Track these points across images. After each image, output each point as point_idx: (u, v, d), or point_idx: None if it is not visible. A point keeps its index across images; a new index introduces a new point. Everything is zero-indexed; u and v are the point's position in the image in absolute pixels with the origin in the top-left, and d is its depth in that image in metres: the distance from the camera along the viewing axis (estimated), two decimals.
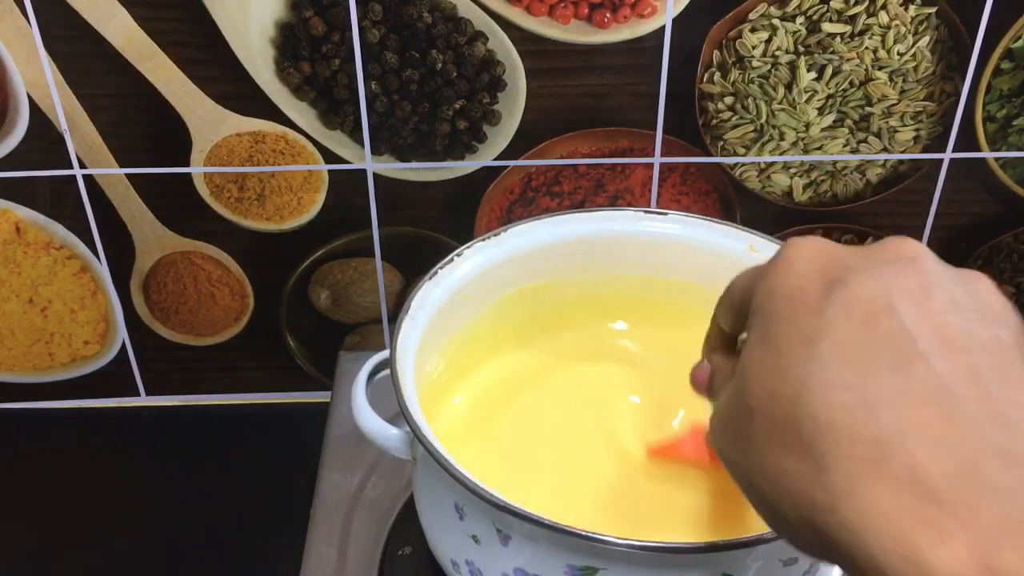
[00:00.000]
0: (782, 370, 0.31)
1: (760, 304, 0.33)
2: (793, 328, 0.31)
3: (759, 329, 0.33)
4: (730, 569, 0.46)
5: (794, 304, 0.32)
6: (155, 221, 0.78)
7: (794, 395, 0.30)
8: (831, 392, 0.29)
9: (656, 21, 0.70)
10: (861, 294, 0.31)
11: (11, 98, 0.71)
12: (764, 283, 0.34)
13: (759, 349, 0.32)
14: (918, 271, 0.31)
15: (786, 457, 0.30)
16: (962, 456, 0.27)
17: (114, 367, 0.85)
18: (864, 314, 0.30)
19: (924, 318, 0.30)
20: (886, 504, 0.28)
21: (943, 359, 0.29)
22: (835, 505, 0.29)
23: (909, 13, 0.70)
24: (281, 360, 0.86)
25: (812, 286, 0.32)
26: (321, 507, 0.67)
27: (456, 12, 0.70)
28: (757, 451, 0.32)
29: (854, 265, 0.32)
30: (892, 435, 0.28)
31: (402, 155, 0.75)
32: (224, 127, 0.73)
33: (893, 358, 0.29)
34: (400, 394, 0.49)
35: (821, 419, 0.29)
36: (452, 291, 0.58)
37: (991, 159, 0.77)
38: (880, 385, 0.29)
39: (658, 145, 0.75)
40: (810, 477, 0.29)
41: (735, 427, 0.33)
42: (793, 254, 0.33)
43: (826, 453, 0.29)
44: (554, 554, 0.46)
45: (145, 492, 0.82)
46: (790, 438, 0.30)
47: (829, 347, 0.30)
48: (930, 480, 0.27)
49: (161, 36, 0.70)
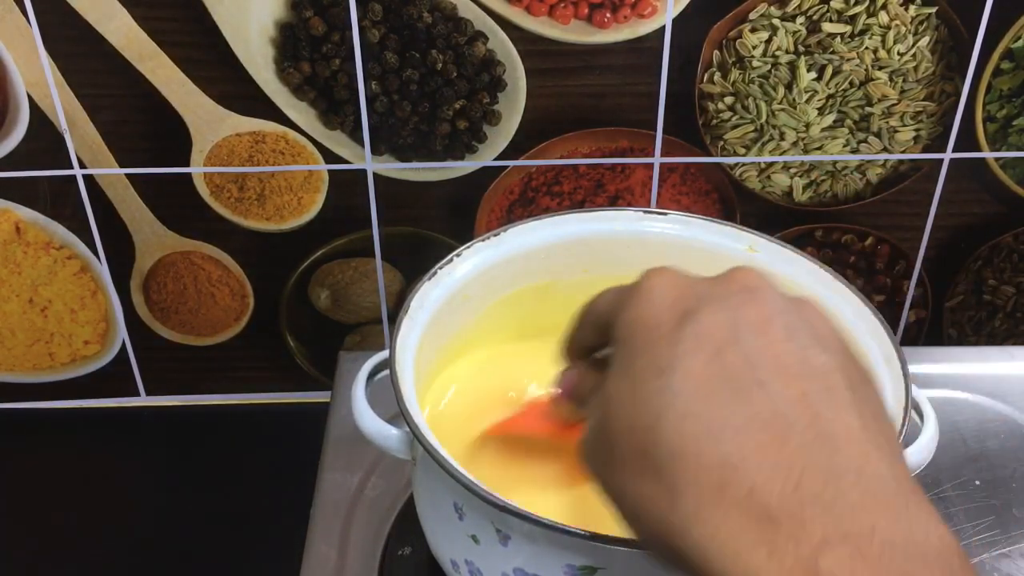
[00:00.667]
0: (639, 400, 0.33)
1: (620, 334, 0.36)
2: (650, 359, 0.34)
3: (620, 358, 0.35)
4: None
5: (650, 334, 0.34)
6: (155, 221, 0.78)
7: (649, 425, 0.32)
8: (681, 421, 0.32)
9: (656, 21, 0.70)
10: (710, 326, 0.33)
11: (11, 98, 0.71)
12: (625, 313, 0.36)
13: (619, 379, 0.35)
14: (760, 301, 0.34)
15: (643, 483, 0.33)
16: (792, 476, 0.30)
17: (114, 367, 0.85)
18: (713, 347, 0.33)
19: (765, 348, 0.33)
20: (729, 527, 0.30)
21: (780, 386, 0.32)
22: (687, 530, 0.31)
23: (909, 13, 0.70)
24: (281, 360, 0.86)
25: (667, 316, 0.34)
26: (321, 507, 0.67)
27: (456, 12, 0.70)
28: (619, 476, 0.34)
29: (706, 296, 0.34)
30: (734, 461, 0.31)
31: (402, 155, 0.75)
32: (224, 127, 0.73)
33: (736, 388, 0.32)
34: (400, 394, 0.49)
35: (673, 448, 0.32)
36: (452, 291, 0.58)
37: (991, 159, 0.77)
38: (724, 414, 0.31)
39: (658, 145, 0.75)
40: (665, 502, 0.32)
41: (600, 452, 0.35)
42: (650, 285, 0.36)
43: (677, 479, 0.31)
44: (553, 554, 0.46)
45: (145, 492, 0.82)
46: (647, 465, 0.32)
47: (680, 378, 0.32)
48: (765, 501, 0.30)
49: (161, 36, 0.70)
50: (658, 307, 0.35)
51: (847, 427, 0.31)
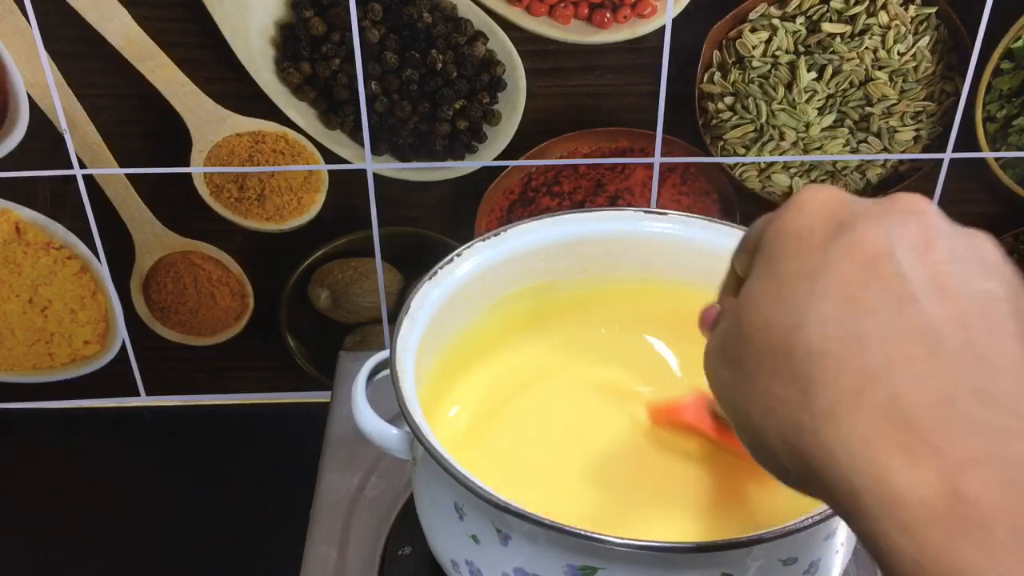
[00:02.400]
0: (782, 300, 0.33)
1: (768, 242, 0.35)
2: (797, 264, 0.33)
3: (764, 263, 0.35)
4: (730, 568, 0.46)
5: (801, 243, 0.33)
6: (155, 221, 0.78)
7: (791, 324, 0.32)
8: (826, 325, 0.31)
9: (656, 21, 0.70)
10: (865, 238, 0.32)
11: (11, 98, 0.71)
12: (775, 224, 0.35)
13: (762, 280, 0.34)
14: (923, 223, 0.33)
15: (776, 382, 0.32)
16: (941, 391, 0.29)
17: (114, 367, 0.85)
18: (865, 257, 0.32)
19: (922, 265, 0.31)
20: (865, 430, 0.29)
21: (935, 303, 0.31)
22: (818, 428, 0.30)
23: (909, 13, 0.70)
24: (281, 360, 0.86)
25: (820, 228, 0.33)
26: (321, 507, 0.67)
27: (456, 12, 0.70)
28: (748, 375, 0.33)
29: (862, 213, 0.33)
30: (878, 368, 0.30)
31: (402, 155, 0.75)
32: (224, 127, 0.74)
33: (887, 298, 0.31)
34: (400, 394, 0.49)
35: (814, 348, 0.31)
36: (452, 291, 0.58)
37: (991, 159, 0.77)
38: (872, 322, 0.31)
39: (658, 145, 0.75)
40: (797, 401, 0.31)
41: (730, 351, 0.35)
42: (806, 198, 0.35)
43: (814, 380, 0.31)
44: (553, 554, 0.46)
45: (145, 492, 0.82)
46: (782, 364, 0.32)
47: (829, 283, 0.32)
48: (909, 410, 0.29)
49: (161, 36, 0.70)
50: (812, 218, 0.34)
51: (1005, 353, 0.30)
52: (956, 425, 0.28)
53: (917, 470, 0.28)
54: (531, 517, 0.43)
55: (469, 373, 0.63)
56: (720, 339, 0.36)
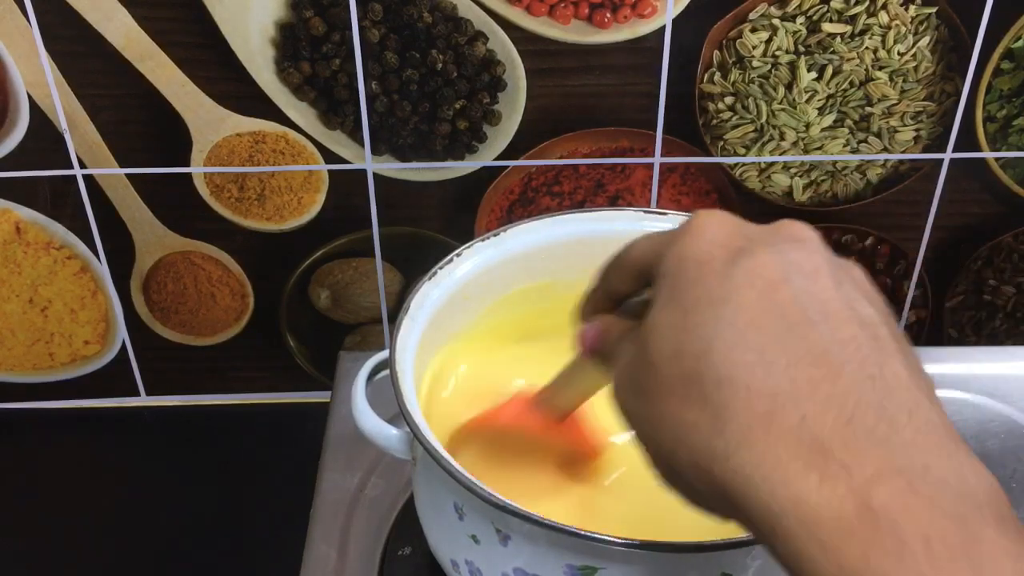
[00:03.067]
0: (690, 327, 0.33)
1: (669, 268, 0.36)
2: (702, 291, 0.34)
3: (667, 291, 0.35)
4: (729, 568, 0.46)
5: (702, 268, 0.34)
6: (155, 221, 0.78)
7: (699, 352, 0.33)
8: (734, 350, 0.32)
9: (656, 21, 0.70)
10: (763, 264, 0.33)
11: (11, 98, 0.71)
12: (674, 249, 0.36)
13: (667, 309, 0.35)
14: (810, 251, 0.34)
15: (687, 409, 0.33)
16: (845, 410, 0.30)
17: (114, 367, 0.85)
18: (765, 283, 0.33)
19: (814, 292, 0.33)
20: (778, 453, 0.30)
21: (830, 328, 0.32)
22: (731, 454, 0.31)
23: (909, 13, 0.70)
24: (281, 360, 0.86)
25: (719, 253, 0.34)
26: (321, 507, 0.67)
27: (456, 12, 0.70)
28: (658, 403, 0.34)
29: (756, 239, 0.35)
30: (786, 391, 0.31)
31: (402, 155, 0.75)
32: (224, 127, 0.73)
33: (788, 324, 0.32)
34: (400, 394, 0.49)
35: (723, 374, 0.32)
36: (452, 291, 0.58)
37: (991, 159, 0.77)
38: (777, 347, 0.32)
39: (658, 145, 0.75)
40: (709, 428, 0.32)
41: (638, 382, 0.35)
42: (701, 223, 0.36)
43: (726, 406, 0.32)
44: (553, 554, 0.46)
45: (145, 492, 0.82)
46: (692, 391, 0.33)
47: (734, 310, 0.33)
48: (817, 431, 0.30)
49: (161, 36, 0.70)
50: (710, 243, 0.35)
51: (896, 373, 0.32)
52: (862, 442, 0.30)
53: (830, 488, 0.29)
54: (531, 517, 0.43)
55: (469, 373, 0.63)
56: (626, 370, 0.37)
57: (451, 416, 0.61)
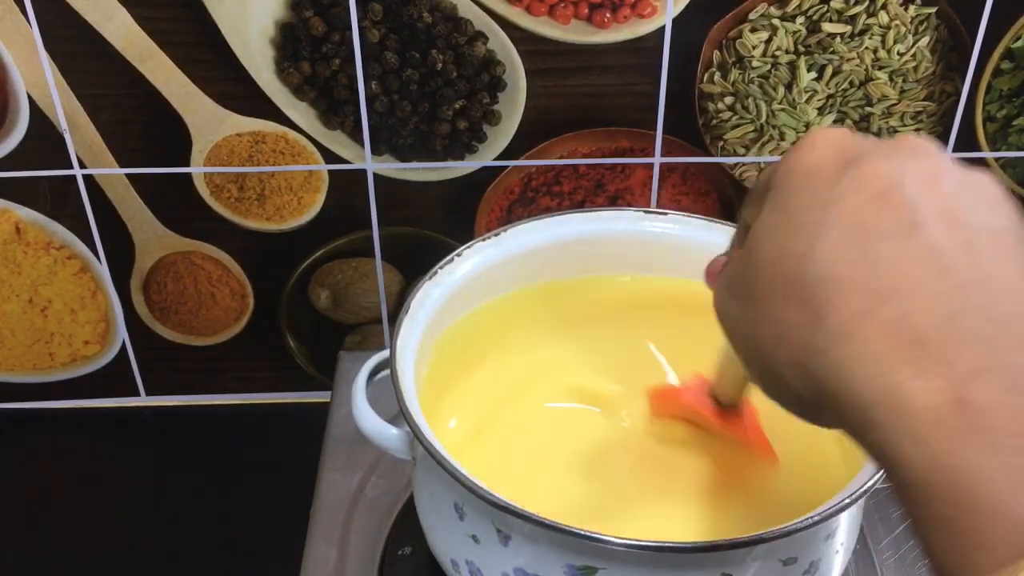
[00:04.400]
0: (793, 229, 0.33)
1: (779, 179, 0.36)
2: (808, 196, 0.34)
3: (775, 199, 0.35)
4: (730, 568, 0.46)
5: (811, 178, 0.34)
6: (155, 221, 0.78)
7: (803, 252, 0.33)
8: (836, 250, 0.32)
9: (656, 21, 0.70)
10: (875, 172, 0.33)
11: (11, 98, 0.71)
12: (785, 163, 0.36)
13: (773, 214, 0.35)
14: (931, 160, 0.34)
15: (789, 307, 0.33)
16: (949, 309, 0.30)
17: (114, 367, 0.85)
18: (875, 188, 0.33)
19: (930, 196, 0.32)
20: (875, 346, 0.31)
21: (942, 230, 0.32)
22: (829, 348, 0.32)
23: (909, 13, 0.70)
24: (281, 360, 0.86)
25: (830, 164, 0.34)
26: (321, 507, 0.67)
27: (456, 12, 0.70)
28: (761, 304, 0.34)
29: (871, 150, 0.34)
30: (887, 288, 0.31)
31: (402, 155, 0.75)
32: (224, 127, 0.74)
33: (896, 225, 0.32)
34: (400, 394, 0.49)
35: (826, 273, 0.32)
36: (452, 291, 0.58)
37: (991, 159, 0.77)
38: (881, 246, 0.32)
39: (658, 145, 0.75)
40: (809, 324, 0.32)
41: (741, 285, 0.36)
42: (815, 138, 0.36)
43: (825, 303, 0.32)
44: (554, 554, 0.46)
45: (145, 492, 0.82)
46: (794, 290, 0.33)
47: (839, 212, 0.33)
48: (917, 327, 0.30)
49: (161, 36, 0.70)
50: (821, 155, 0.35)
51: (1009, 277, 0.31)
52: (962, 339, 0.30)
53: (925, 380, 0.29)
54: (531, 517, 0.43)
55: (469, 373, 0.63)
56: (730, 276, 0.37)
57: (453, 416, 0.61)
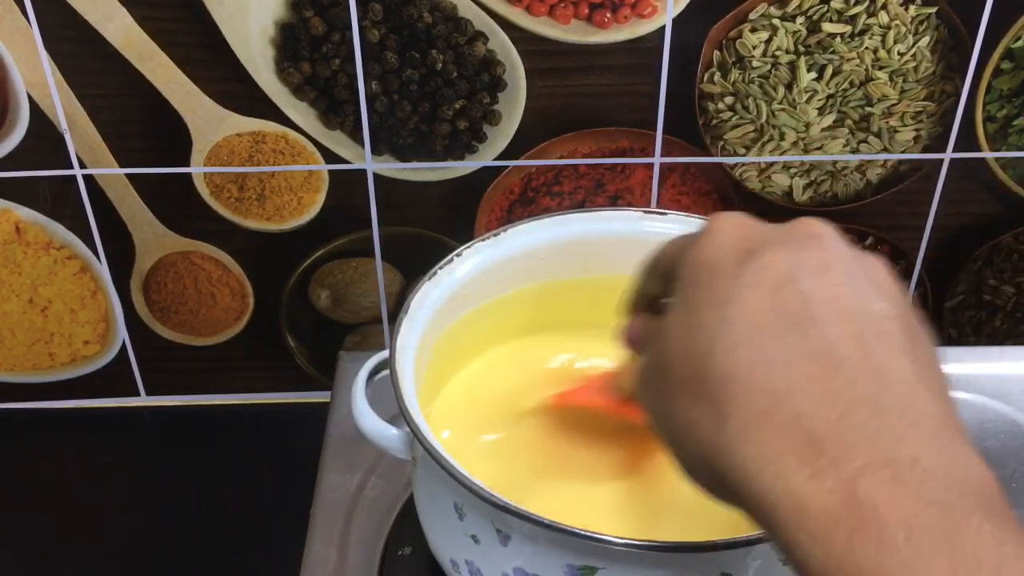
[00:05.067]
0: (695, 328, 0.35)
1: (684, 272, 0.37)
2: (710, 293, 0.35)
3: (681, 295, 0.36)
4: (730, 568, 0.46)
5: (713, 272, 0.35)
6: (155, 221, 0.78)
7: (704, 351, 0.34)
8: (736, 350, 0.33)
9: (656, 21, 0.70)
10: (771, 264, 0.34)
11: (11, 98, 0.71)
12: (689, 253, 0.37)
13: (679, 312, 0.36)
14: (822, 248, 0.35)
15: (694, 406, 0.34)
16: (840, 407, 0.31)
17: (114, 367, 0.85)
18: (771, 283, 0.34)
19: (822, 289, 0.34)
20: (773, 448, 0.31)
21: (834, 325, 0.33)
22: (731, 449, 0.33)
23: (909, 13, 0.70)
24: (281, 360, 0.86)
25: (730, 256, 0.35)
26: (321, 507, 0.67)
27: (456, 12, 0.70)
28: (671, 400, 0.35)
29: (768, 239, 0.36)
30: (783, 389, 0.32)
31: (402, 155, 0.75)
32: (224, 127, 0.74)
33: (791, 323, 0.33)
34: (400, 394, 0.49)
35: (726, 373, 0.33)
36: (452, 291, 0.58)
37: (991, 159, 0.77)
38: (776, 345, 0.33)
39: (658, 145, 0.75)
40: (712, 424, 0.33)
41: (654, 380, 0.37)
42: (716, 227, 0.37)
43: (727, 403, 0.33)
44: (553, 554, 0.46)
45: (145, 492, 0.82)
46: (699, 389, 0.34)
47: (738, 310, 0.34)
48: (811, 426, 0.31)
49: (161, 36, 0.70)
50: (722, 247, 0.36)
51: (898, 368, 0.32)
52: (853, 436, 0.31)
53: (820, 481, 0.30)
54: (531, 517, 0.43)
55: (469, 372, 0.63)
56: (645, 369, 0.38)
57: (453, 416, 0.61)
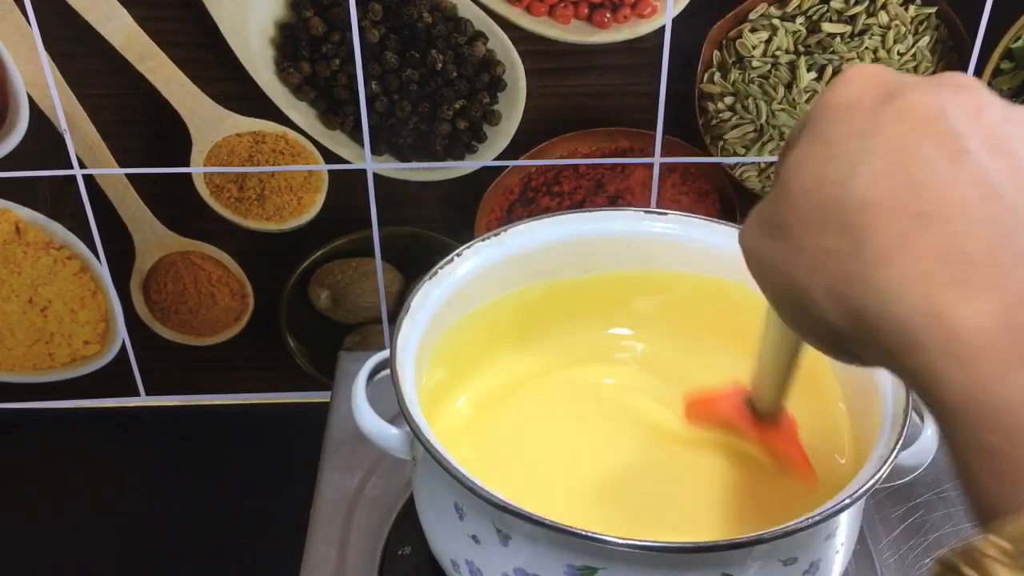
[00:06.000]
0: (832, 157, 0.32)
1: (816, 113, 0.35)
2: (847, 127, 0.33)
3: (811, 131, 0.34)
4: (730, 569, 0.46)
5: (850, 110, 0.33)
6: (155, 221, 0.78)
7: (842, 179, 0.32)
8: (878, 176, 0.31)
9: (656, 21, 0.70)
10: (917, 102, 0.32)
11: (11, 98, 0.71)
12: (822, 98, 0.35)
13: (810, 144, 0.34)
14: (973, 94, 0.33)
15: (825, 236, 0.32)
16: (998, 232, 0.29)
17: (114, 367, 0.85)
18: (917, 118, 0.32)
19: (974, 125, 0.31)
20: (920, 268, 0.29)
21: (989, 157, 0.30)
22: (869, 272, 0.31)
23: (909, 13, 0.70)
24: (281, 360, 0.86)
25: (869, 96, 0.33)
26: (321, 507, 0.67)
27: (456, 12, 0.70)
28: (795, 235, 0.33)
29: (911, 84, 0.33)
30: (933, 212, 0.30)
31: (402, 155, 0.75)
32: (224, 127, 0.74)
33: (940, 152, 0.31)
34: (400, 394, 0.49)
35: (865, 197, 0.31)
36: (452, 291, 0.58)
37: None
38: (925, 171, 0.30)
39: (658, 145, 0.75)
40: (848, 250, 0.31)
41: (773, 218, 0.35)
42: (853, 73, 0.35)
43: (866, 227, 0.31)
44: (554, 554, 0.46)
45: (145, 492, 0.82)
46: (832, 218, 0.32)
47: (880, 141, 0.32)
48: (966, 248, 0.29)
49: (161, 36, 0.70)
50: (859, 88, 0.34)
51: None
52: (1013, 263, 0.29)
53: (974, 303, 0.28)
54: (531, 517, 0.43)
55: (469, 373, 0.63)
56: (761, 210, 0.36)
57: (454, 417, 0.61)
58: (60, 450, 0.86)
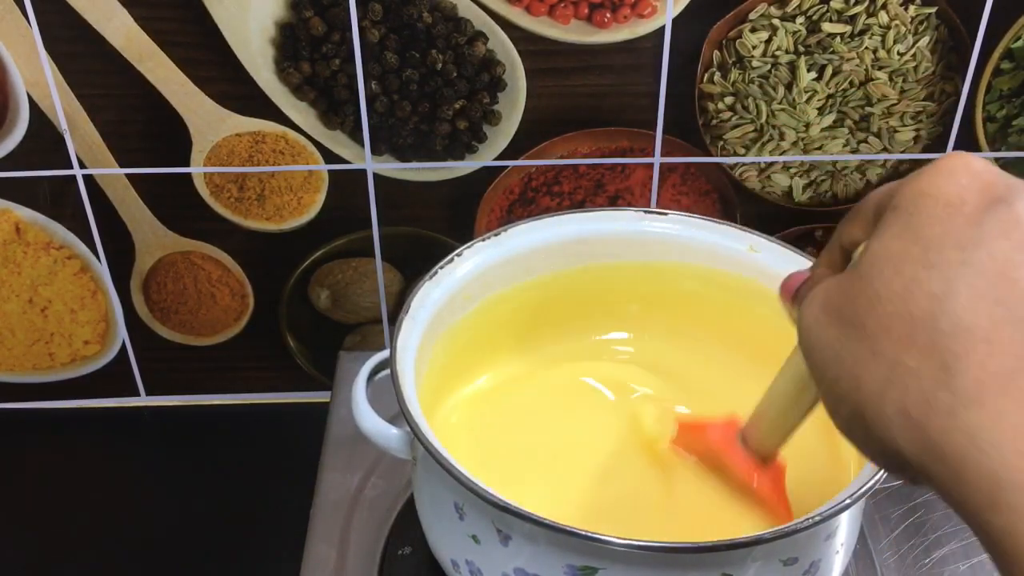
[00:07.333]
0: (928, 265, 0.30)
1: (907, 202, 0.32)
2: (946, 231, 0.30)
3: (902, 223, 0.32)
4: (730, 569, 0.46)
5: (950, 209, 0.31)
6: (155, 221, 0.78)
7: (938, 293, 0.29)
8: (980, 301, 0.29)
9: (656, 21, 0.70)
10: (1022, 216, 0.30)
11: (11, 98, 0.71)
12: (913, 185, 0.32)
13: (900, 239, 0.31)
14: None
15: (909, 352, 0.30)
16: None
17: (114, 367, 0.85)
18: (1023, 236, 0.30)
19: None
20: (1017, 419, 0.27)
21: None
22: (957, 410, 0.28)
23: (909, 13, 0.70)
24: (281, 360, 0.86)
25: (973, 198, 0.31)
26: (321, 507, 0.67)
27: (456, 12, 0.70)
28: (872, 339, 0.31)
29: (1017, 187, 0.31)
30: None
31: (402, 155, 0.75)
32: (224, 127, 0.74)
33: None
34: (400, 394, 0.49)
35: (963, 322, 0.29)
36: (452, 291, 0.58)
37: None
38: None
39: (658, 145, 0.75)
40: (933, 377, 0.29)
41: (847, 310, 0.32)
42: (956, 164, 0.32)
43: (960, 356, 0.28)
44: (554, 554, 0.46)
45: (145, 492, 0.82)
46: (920, 334, 0.29)
47: (983, 257, 0.29)
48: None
49: (161, 36, 0.70)
50: (963, 186, 0.31)
51: None
52: None
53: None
54: (531, 517, 0.43)
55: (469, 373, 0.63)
56: (832, 298, 0.33)
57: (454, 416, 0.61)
58: (60, 450, 0.86)
